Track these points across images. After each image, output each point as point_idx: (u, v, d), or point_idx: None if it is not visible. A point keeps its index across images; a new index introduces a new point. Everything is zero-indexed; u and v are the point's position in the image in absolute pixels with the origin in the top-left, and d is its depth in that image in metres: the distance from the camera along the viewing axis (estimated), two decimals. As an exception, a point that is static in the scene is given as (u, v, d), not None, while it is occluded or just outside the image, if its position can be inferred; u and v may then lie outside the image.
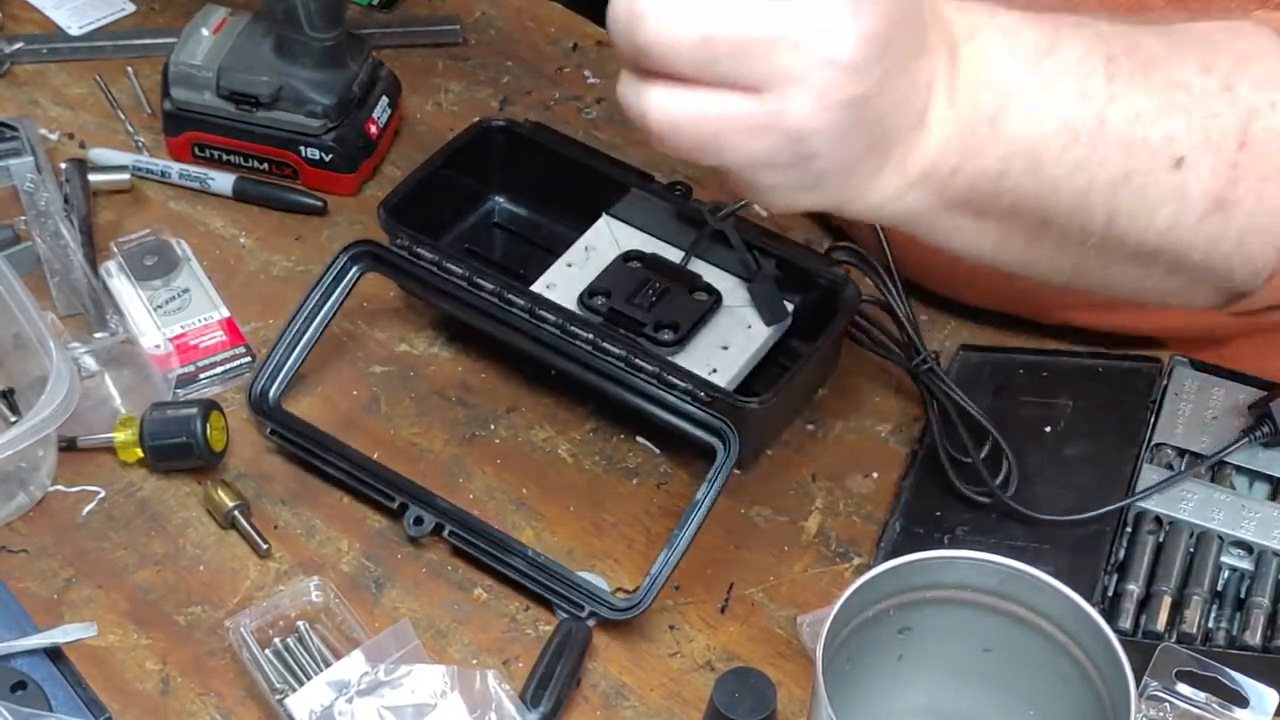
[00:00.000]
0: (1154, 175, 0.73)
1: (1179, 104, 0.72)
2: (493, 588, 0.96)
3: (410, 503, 0.98)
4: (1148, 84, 0.72)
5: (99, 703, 0.88)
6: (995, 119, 0.70)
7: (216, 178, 1.19)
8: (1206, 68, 0.73)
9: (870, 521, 1.00)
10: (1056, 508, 0.96)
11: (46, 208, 1.12)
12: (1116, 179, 0.72)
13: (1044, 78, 0.70)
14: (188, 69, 1.18)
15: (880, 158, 0.68)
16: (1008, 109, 0.70)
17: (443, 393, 1.07)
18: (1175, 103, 0.72)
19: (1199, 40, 0.75)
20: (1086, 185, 0.72)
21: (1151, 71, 0.72)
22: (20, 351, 1.01)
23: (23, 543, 0.97)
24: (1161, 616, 0.91)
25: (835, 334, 1.02)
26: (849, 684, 0.77)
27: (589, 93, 1.29)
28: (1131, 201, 0.73)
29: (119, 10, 1.35)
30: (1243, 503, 0.94)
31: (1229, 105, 0.73)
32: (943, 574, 0.76)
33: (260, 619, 0.91)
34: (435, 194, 1.09)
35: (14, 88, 1.28)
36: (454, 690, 0.86)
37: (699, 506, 0.93)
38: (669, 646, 0.94)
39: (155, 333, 1.08)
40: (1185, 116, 0.72)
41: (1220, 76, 0.73)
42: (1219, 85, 0.73)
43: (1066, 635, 0.75)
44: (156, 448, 0.99)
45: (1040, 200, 0.72)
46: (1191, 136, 0.72)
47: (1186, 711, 0.84)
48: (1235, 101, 0.73)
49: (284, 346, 1.04)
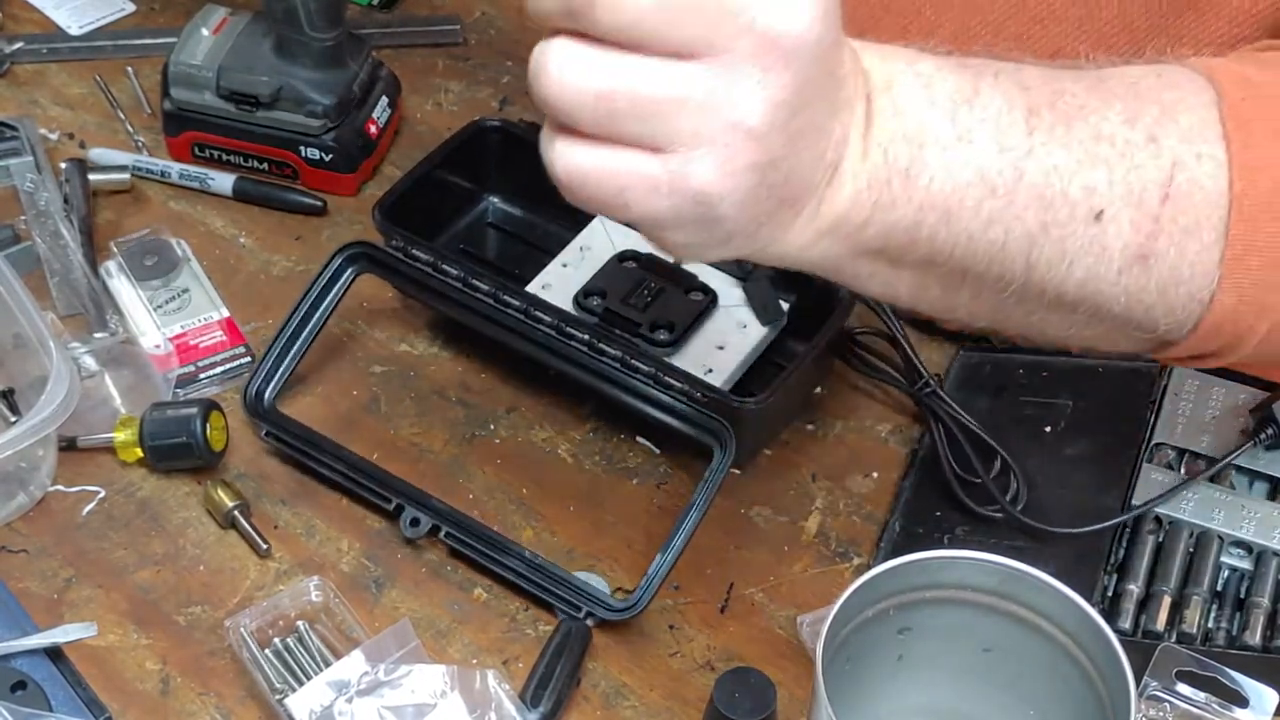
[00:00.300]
0: (1073, 228, 0.72)
1: (1101, 156, 0.72)
2: (492, 588, 0.96)
3: (407, 504, 0.97)
4: (1069, 136, 0.71)
5: (99, 703, 0.88)
6: (909, 171, 0.69)
7: (216, 178, 1.19)
8: (1132, 119, 0.73)
9: (870, 521, 1.00)
10: (1059, 511, 0.96)
11: (46, 208, 1.12)
12: (1034, 231, 0.72)
13: (961, 129, 0.70)
14: (188, 69, 1.18)
15: (789, 213, 0.68)
16: (922, 161, 0.69)
17: (443, 393, 1.07)
18: (1097, 155, 0.72)
19: (1126, 89, 0.74)
20: (1003, 237, 0.71)
21: (1074, 123, 0.72)
22: (20, 351, 1.01)
23: (23, 543, 0.97)
24: (1161, 616, 0.91)
25: (831, 333, 1.01)
26: (849, 684, 0.77)
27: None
28: (1050, 253, 0.73)
29: (119, 10, 1.35)
30: (1243, 503, 0.94)
31: (1153, 157, 0.72)
32: (943, 574, 0.76)
33: (260, 619, 0.91)
34: (430, 195, 1.09)
35: (14, 87, 1.28)
36: (454, 690, 0.86)
37: (696, 506, 0.93)
38: (669, 646, 0.94)
39: (155, 333, 1.08)
40: (1107, 169, 0.72)
41: (1145, 127, 0.73)
42: (1144, 137, 0.73)
43: (1066, 635, 0.75)
44: (156, 448, 0.99)
45: (956, 251, 0.71)
46: (1113, 190, 0.72)
47: (1186, 711, 0.84)
48: (1160, 154, 0.73)
49: (278, 349, 1.04)
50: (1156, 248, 0.73)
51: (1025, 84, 0.72)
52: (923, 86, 0.69)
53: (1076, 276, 0.73)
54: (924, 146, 0.69)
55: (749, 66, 0.61)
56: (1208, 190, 0.73)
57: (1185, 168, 0.73)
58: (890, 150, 0.69)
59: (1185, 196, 0.72)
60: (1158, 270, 0.73)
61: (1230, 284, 0.74)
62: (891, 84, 0.69)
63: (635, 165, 0.62)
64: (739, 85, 0.61)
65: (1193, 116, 0.74)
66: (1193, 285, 0.74)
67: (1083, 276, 0.73)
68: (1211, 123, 0.74)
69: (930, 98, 0.69)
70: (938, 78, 0.70)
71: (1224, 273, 0.73)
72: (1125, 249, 0.73)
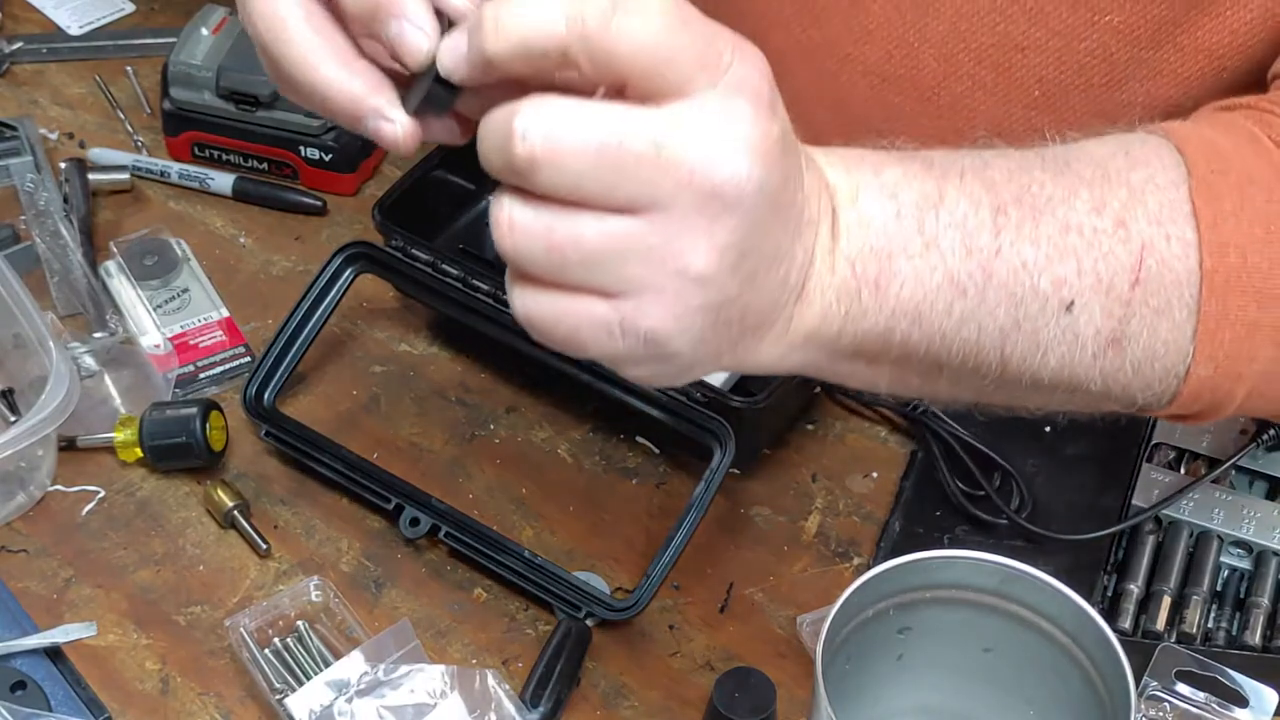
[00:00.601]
0: (1045, 320, 0.73)
1: (1070, 247, 0.72)
2: (492, 588, 0.96)
3: (406, 504, 0.97)
4: (1037, 232, 0.72)
5: (98, 702, 0.88)
6: (878, 281, 0.70)
7: (216, 177, 1.19)
8: (1099, 206, 0.73)
9: (870, 521, 1.00)
10: (1060, 513, 0.96)
11: (46, 207, 1.12)
12: (1006, 326, 0.73)
13: (928, 237, 0.70)
14: (187, 69, 1.18)
15: (754, 338, 0.68)
16: (891, 271, 0.70)
17: (442, 393, 1.07)
18: (1066, 247, 0.72)
19: (1094, 173, 0.75)
20: (976, 334, 0.72)
21: (1042, 217, 0.72)
22: (20, 351, 1.01)
23: (22, 542, 0.97)
24: (1161, 616, 0.91)
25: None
26: (849, 684, 0.77)
27: (589, 93, 1.29)
28: (1024, 346, 0.74)
29: (118, 10, 1.35)
30: (1242, 502, 0.94)
31: (1122, 243, 0.73)
32: (942, 574, 0.76)
33: (260, 619, 0.91)
34: (430, 194, 1.09)
35: (14, 87, 1.28)
36: (454, 690, 0.86)
37: (695, 506, 0.93)
38: (669, 646, 0.94)
39: (155, 332, 1.08)
40: (1076, 260, 0.72)
41: (1113, 213, 0.73)
42: (1112, 223, 0.73)
43: (1066, 635, 0.75)
44: (156, 447, 0.99)
45: (930, 348, 0.72)
46: (1083, 280, 0.73)
47: (1186, 711, 0.84)
48: (1129, 239, 0.73)
49: (278, 348, 1.04)
50: (1129, 331, 0.74)
51: (991, 181, 0.72)
52: (889, 196, 0.70)
53: (1051, 365, 0.74)
54: (892, 256, 0.70)
55: (692, 218, 0.61)
56: (1177, 271, 0.74)
57: (1154, 250, 0.73)
58: (858, 264, 0.69)
59: (1155, 279, 0.73)
60: (1131, 351, 0.75)
61: (1205, 356, 0.75)
62: (857, 196, 0.69)
63: (588, 310, 0.63)
64: (682, 237, 0.62)
65: (1161, 197, 0.74)
66: (1167, 361, 0.75)
67: (1057, 364, 0.74)
68: (1180, 201, 0.74)
69: (897, 208, 0.70)
70: (903, 185, 0.70)
71: (1197, 347, 0.74)
72: (1098, 335, 0.74)
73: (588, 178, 0.60)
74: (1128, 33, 0.90)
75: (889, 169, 0.71)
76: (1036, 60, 0.94)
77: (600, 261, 0.62)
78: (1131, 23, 0.90)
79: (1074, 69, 0.93)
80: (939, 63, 0.97)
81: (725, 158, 0.61)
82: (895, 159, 0.72)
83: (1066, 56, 0.93)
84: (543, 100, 0.60)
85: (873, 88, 1.00)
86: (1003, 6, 0.93)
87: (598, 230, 0.61)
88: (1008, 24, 0.93)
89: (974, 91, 0.97)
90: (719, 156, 0.61)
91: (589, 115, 0.60)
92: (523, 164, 0.60)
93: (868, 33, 0.99)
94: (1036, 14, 0.92)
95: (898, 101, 1.00)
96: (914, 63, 0.98)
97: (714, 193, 0.61)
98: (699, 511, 0.93)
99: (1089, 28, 0.91)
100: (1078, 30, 0.91)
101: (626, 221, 0.61)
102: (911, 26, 0.97)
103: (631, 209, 0.61)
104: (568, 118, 0.60)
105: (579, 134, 0.60)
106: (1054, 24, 0.92)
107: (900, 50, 0.98)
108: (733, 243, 0.63)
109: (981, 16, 0.94)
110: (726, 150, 0.61)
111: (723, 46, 0.61)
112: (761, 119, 0.62)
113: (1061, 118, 0.95)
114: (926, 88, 0.98)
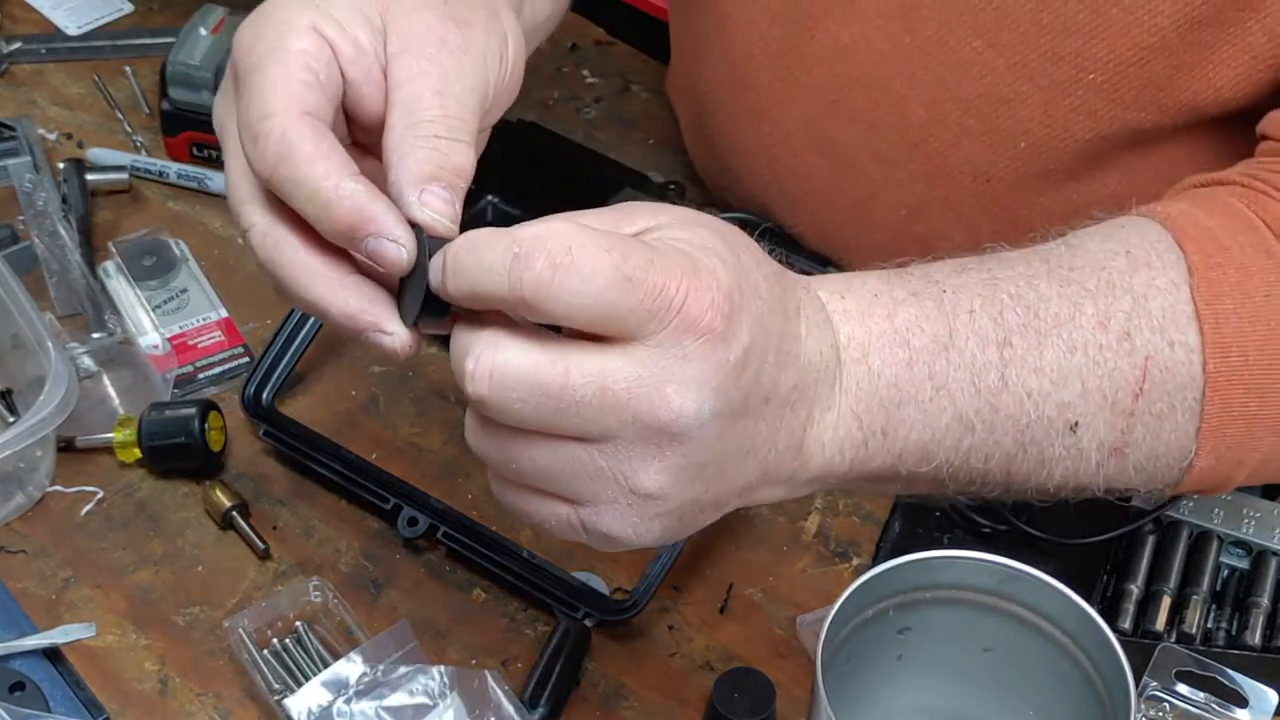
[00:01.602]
0: (1049, 441, 0.75)
1: (1074, 370, 0.74)
2: (491, 588, 0.96)
3: (404, 504, 0.97)
4: (1041, 360, 0.73)
5: (97, 703, 0.88)
6: (885, 430, 0.71)
7: (215, 177, 1.19)
8: (1104, 320, 0.75)
9: (870, 521, 1.00)
10: (1059, 515, 0.95)
11: (45, 207, 1.12)
12: (1012, 451, 0.74)
13: (939, 381, 0.72)
14: (186, 69, 1.18)
15: (744, 499, 0.70)
16: (899, 418, 0.71)
17: (441, 392, 1.07)
18: (1070, 370, 0.74)
19: (1098, 280, 0.76)
20: (983, 463, 0.74)
21: (1047, 342, 0.74)
22: (18, 352, 1.01)
23: (21, 543, 0.97)
24: (1161, 616, 0.91)
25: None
26: (849, 684, 0.77)
27: (588, 92, 1.29)
28: (1029, 465, 0.76)
29: (117, 10, 1.35)
30: (1242, 502, 0.94)
31: (1126, 356, 0.75)
32: (942, 574, 0.76)
33: (259, 619, 0.91)
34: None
35: (12, 87, 1.28)
36: (453, 691, 0.86)
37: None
38: (668, 646, 0.94)
39: (153, 333, 1.08)
40: (1081, 383, 0.74)
41: (1119, 326, 0.75)
42: (1116, 338, 0.75)
43: (1066, 635, 0.75)
44: (155, 448, 0.99)
45: (938, 475, 0.74)
46: (1087, 402, 0.74)
47: (1186, 711, 0.84)
48: (1134, 352, 0.75)
49: (277, 348, 1.04)
50: (1132, 439, 0.76)
51: (1000, 308, 0.74)
52: (901, 345, 0.71)
53: (1056, 478, 0.76)
54: (901, 405, 0.71)
55: (640, 446, 0.63)
56: (1181, 376, 0.75)
57: (1158, 360, 0.75)
58: (865, 416, 0.71)
59: (1159, 386, 0.75)
60: (1134, 456, 0.77)
61: (1207, 451, 0.77)
62: (868, 351, 0.71)
63: (552, 509, 0.66)
64: (631, 462, 0.63)
65: (1164, 301, 0.76)
66: (1170, 459, 0.77)
67: (1062, 477, 0.76)
68: (1182, 303, 0.76)
69: (909, 357, 0.71)
70: (915, 330, 0.72)
71: (1200, 443, 0.76)
72: (1101, 447, 0.76)
73: (533, 416, 0.62)
74: (1110, 91, 0.91)
75: (903, 311, 0.72)
76: (1022, 114, 0.95)
77: (554, 478, 0.64)
78: (1114, 82, 0.91)
79: (1059, 124, 0.94)
80: (925, 110, 0.97)
81: (670, 398, 0.62)
82: (911, 298, 0.73)
83: (1052, 111, 0.93)
84: (492, 339, 0.62)
85: (860, 133, 1.01)
86: (988, 60, 0.93)
87: (548, 454, 0.64)
88: (994, 76, 0.94)
89: (961, 139, 0.97)
90: (664, 398, 0.62)
91: (534, 359, 0.62)
92: (473, 399, 0.63)
93: (854, 79, 0.99)
94: (1021, 68, 0.93)
95: (884, 147, 1.00)
96: (901, 110, 0.98)
97: (661, 429, 0.63)
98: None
99: (1074, 84, 0.91)
100: (1063, 86, 0.92)
101: (574, 447, 0.63)
102: (898, 75, 0.97)
103: (579, 438, 0.63)
104: (514, 360, 0.62)
105: (523, 378, 0.62)
106: (1039, 79, 0.92)
107: (887, 98, 0.99)
108: (686, 464, 0.64)
109: (967, 68, 0.95)
110: (671, 391, 0.62)
111: (673, 292, 0.62)
112: (715, 351, 0.63)
113: (1046, 167, 0.96)
114: (913, 134, 0.99)
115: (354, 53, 0.71)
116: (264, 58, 0.69)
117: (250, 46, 0.70)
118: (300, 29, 0.70)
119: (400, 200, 0.67)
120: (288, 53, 0.69)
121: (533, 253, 0.61)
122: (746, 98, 1.06)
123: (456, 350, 0.64)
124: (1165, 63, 0.88)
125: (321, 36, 0.70)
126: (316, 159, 0.66)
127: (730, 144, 1.09)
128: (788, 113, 1.03)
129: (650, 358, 0.62)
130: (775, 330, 0.66)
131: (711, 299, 0.62)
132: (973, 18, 0.93)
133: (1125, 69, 0.90)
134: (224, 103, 0.73)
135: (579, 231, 0.62)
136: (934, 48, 0.95)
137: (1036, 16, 0.91)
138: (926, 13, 0.95)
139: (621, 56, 1.35)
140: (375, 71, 0.71)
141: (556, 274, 0.60)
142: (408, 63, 0.70)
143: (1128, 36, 0.88)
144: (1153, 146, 0.94)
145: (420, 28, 0.71)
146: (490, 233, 0.63)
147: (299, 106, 0.68)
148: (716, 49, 1.06)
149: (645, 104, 1.30)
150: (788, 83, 1.02)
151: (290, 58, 0.69)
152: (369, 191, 0.66)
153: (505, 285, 0.61)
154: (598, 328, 0.62)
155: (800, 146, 1.03)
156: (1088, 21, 0.89)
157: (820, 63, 1.00)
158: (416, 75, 0.70)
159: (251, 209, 0.70)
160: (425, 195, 0.67)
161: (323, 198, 0.66)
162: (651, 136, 1.27)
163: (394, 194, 0.67)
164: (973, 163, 0.98)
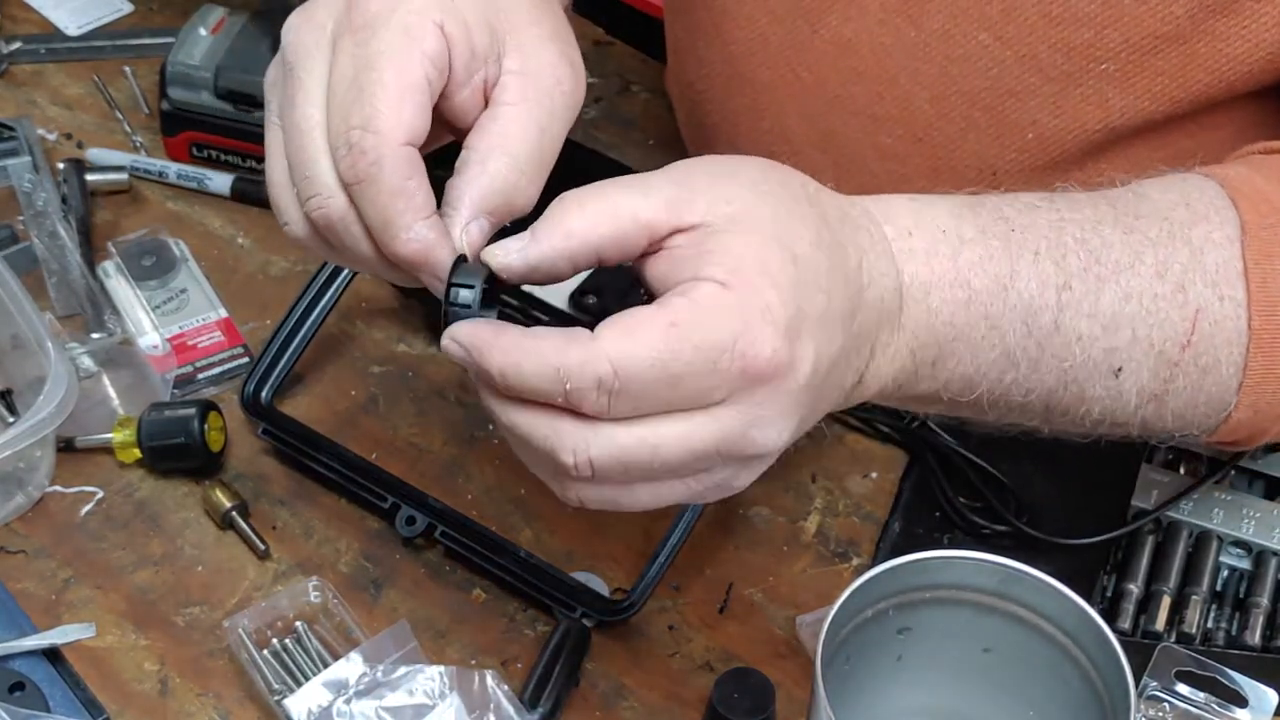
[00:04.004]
0: (1091, 382, 0.76)
1: (1126, 317, 0.75)
2: (491, 588, 0.96)
3: (403, 503, 0.97)
4: (1096, 306, 0.74)
5: (97, 703, 0.88)
6: (935, 362, 0.73)
7: (214, 178, 1.19)
8: (1162, 269, 0.75)
9: (870, 521, 1.00)
10: (1059, 515, 0.96)
11: (44, 208, 1.11)
12: (1054, 387, 0.75)
13: (993, 320, 0.73)
14: (185, 69, 1.18)
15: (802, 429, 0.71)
16: (951, 352, 0.73)
17: (441, 393, 1.07)
18: (1123, 316, 0.75)
19: (1160, 229, 0.76)
20: (1023, 397, 0.75)
21: (1105, 288, 0.74)
22: (18, 352, 1.01)
23: (21, 543, 0.97)
24: (1161, 616, 0.91)
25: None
26: (848, 684, 0.77)
27: (587, 92, 1.29)
28: (1068, 401, 0.77)
29: (117, 10, 1.35)
30: (1242, 502, 0.94)
31: (1179, 308, 0.76)
32: (942, 574, 0.76)
33: (259, 619, 0.91)
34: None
35: (12, 88, 1.28)
36: (452, 691, 0.86)
37: (693, 506, 0.93)
38: (668, 647, 0.94)
39: (153, 333, 1.08)
40: (1131, 330, 0.75)
41: (1175, 277, 0.76)
42: (1172, 288, 0.75)
43: (1066, 635, 0.75)
44: (155, 448, 0.99)
45: (980, 402, 0.75)
46: (1135, 349, 0.75)
47: (1186, 711, 0.84)
48: (1185, 304, 0.76)
49: (276, 348, 1.03)
50: (1173, 388, 0.77)
51: (1063, 254, 0.74)
52: (962, 285, 0.72)
53: (1095, 415, 0.77)
54: (954, 340, 0.72)
55: (731, 469, 0.67)
56: (1228, 330, 0.76)
57: (1209, 312, 0.76)
58: (919, 351, 0.72)
59: (1206, 339, 0.76)
60: (1173, 404, 0.78)
61: (1247, 404, 0.78)
62: (929, 291, 0.72)
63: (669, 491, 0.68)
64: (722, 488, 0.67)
65: (1219, 254, 0.77)
66: (1209, 408, 0.79)
67: (1100, 414, 0.77)
68: (1234, 259, 0.77)
69: (968, 296, 0.72)
70: (978, 270, 0.72)
71: (1240, 397, 0.78)
72: (1142, 392, 0.77)
73: (634, 480, 0.67)
74: (1123, 80, 0.91)
75: (968, 250, 0.72)
76: (1031, 105, 0.94)
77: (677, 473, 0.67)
78: (1127, 71, 0.91)
79: (1069, 115, 0.94)
80: (930, 105, 0.97)
81: (755, 440, 0.65)
82: (979, 236, 0.73)
83: (1062, 102, 0.93)
84: (580, 435, 0.65)
85: (863, 128, 1.00)
86: (995, 52, 0.93)
87: (651, 497, 0.68)
88: (1001, 69, 0.94)
89: (966, 133, 0.97)
90: (749, 441, 0.65)
91: (622, 445, 0.65)
92: (578, 492, 0.67)
93: (857, 74, 0.99)
94: (1030, 60, 0.92)
95: (889, 142, 1.00)
96: (905, 104, 0.98)
97: (747, 459, 0.66)
98: (697, 511, 0.93)
99: (1085, 74, 0.91)
100: (1073, 76, 0.92)
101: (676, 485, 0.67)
102: (902, 69, 0.97)
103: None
104: (604, 454, 0.65)
105: (616, 463, 0.65)
106: (1049, 70, 0.92)
107: (891, 92, 0.98)
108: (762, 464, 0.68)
109: (973, 61, 0.94)
110: (755, 434, 0.65)
111: (728, 363, 0.63)
112: (785, 382, 0.64)
113: (1053, 159, 0.96)
114: (918, 128, 0.98)
115: (468, 57, 0.71)
116: (382, 52, 0.69)
117: (374, 8, 0.70)
118: (428, 26, 0.70)
119: (450, 208, 0.69)
120: (409, 56, 0.69)
121: (582, 389, 0.63)
122: (746, 95, 1.05)
123: (543, 443, 0.66)
124: (1179, 52, 0.88)
125: (445, 37, 0.70)
126: (399, 196, 0.68)
127: (730, 141, 1.09)
128: (788, 109, 1.03)
129: (727, 414, 0.64)
130: (838, 313, 0.67)
131: (771, 350, 0.63)
132: (979, 11, 0.93)
133: (1140, 58, 0.89)
134: (308, 27, 0.71)
135: (622, 338, 0.63)
136: (939, 41, 0.95)
137: (1045, 8, 0.90)
138: (931, 7, 0.94)
139: (620, 56, 1.35)
140: (479, 77, 0.72)
141: (613, 400, 0.63)
142: (525, 88, 0.72)
143: (1142, 26, 0.88)
144: (1160, 137, 0.94)
145: (547, 61, 0.73)
146: (535, 359, 0.64)
147: (403, 135, 0.68)
148: (714, 46, 1.06)
149: (645, 104, 1.30)
150: (788, 79, 1.02)
151: (412, 62, 0.69)
152: (436, 240, 0.69)
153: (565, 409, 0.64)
154: (666, 410, 0.64)
155: (802, 143, 1.03)
156: (1100, 12, 0.89)
157: (822, 59, 1.00)
158: (530, 103, 0.72)
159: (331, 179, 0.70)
160: (473, 225, 0.70)
161: (391, 230, 0.68)
162: (651, 136, 1.27)
163: (450, 195, 0.70)
164: (979, 156, 0.97)
